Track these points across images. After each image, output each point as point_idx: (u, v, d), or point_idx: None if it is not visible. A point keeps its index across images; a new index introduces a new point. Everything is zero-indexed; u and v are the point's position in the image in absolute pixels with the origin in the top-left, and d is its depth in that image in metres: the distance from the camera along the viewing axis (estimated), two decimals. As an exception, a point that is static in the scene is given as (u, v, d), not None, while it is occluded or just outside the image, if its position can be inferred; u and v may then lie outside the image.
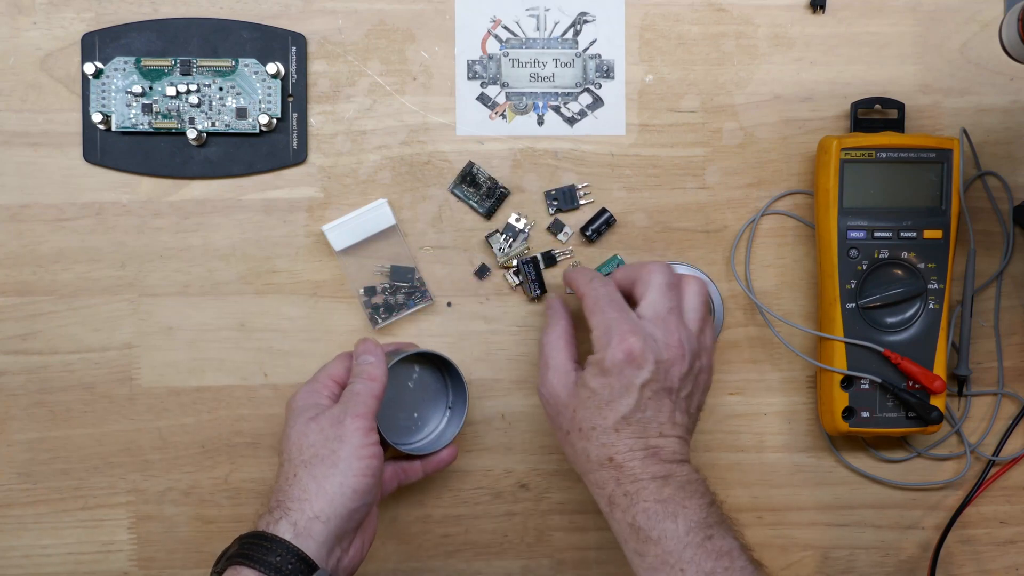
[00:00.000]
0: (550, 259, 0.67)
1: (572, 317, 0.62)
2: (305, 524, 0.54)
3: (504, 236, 0.67)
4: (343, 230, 0.65)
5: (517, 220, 0.67)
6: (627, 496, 0.54)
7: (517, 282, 0.67)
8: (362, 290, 0.66)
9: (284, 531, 0.54)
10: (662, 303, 0.58)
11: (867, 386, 0.64)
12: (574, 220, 0.67)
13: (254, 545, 0.54)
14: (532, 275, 0.66)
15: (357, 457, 0.56)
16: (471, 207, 0.67)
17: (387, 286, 0.66)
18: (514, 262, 0.66)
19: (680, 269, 0.67)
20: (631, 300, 0.59)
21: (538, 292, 0.66)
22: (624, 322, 0.56)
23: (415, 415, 0.66)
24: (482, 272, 0.67)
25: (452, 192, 0.66)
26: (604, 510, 0.56)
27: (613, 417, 0.55)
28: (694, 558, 0.52)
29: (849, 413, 0.65)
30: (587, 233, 0.66)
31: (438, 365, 0.66)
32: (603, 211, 0.66)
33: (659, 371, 0.56)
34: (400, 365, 0.64)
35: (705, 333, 0.59)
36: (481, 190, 0.66)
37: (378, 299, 0.66)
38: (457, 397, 0.65)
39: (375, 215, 0.65)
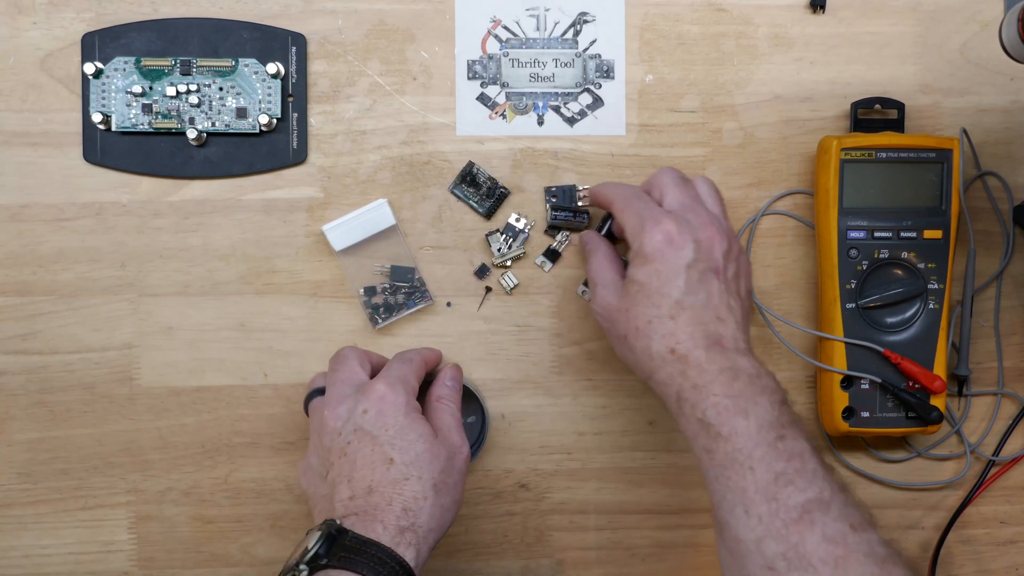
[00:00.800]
0: (553, 253, 0.67)
1: (610, 245, 0.62)
2: (425, 536, 0.54)
3: (504, 236, 0.67)
4: (343, 230, 0.65)
5: (517, 220, 0.67)
6: (696, 389, 0.53)
7: (515, 283, 0.67)
8: (362, 290, 0.66)
9: (406, 549, 0.52)
10: (683, 194, 0.58)
11: (867, 386, 0.64)
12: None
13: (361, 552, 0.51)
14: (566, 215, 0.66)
15: (460, 495, 0.58)
16: (471, 207, 0.67)
17: (387, 286, 0.66)
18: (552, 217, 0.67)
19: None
20: None
21: (584, 219, 0.66)
22: (654, 209, 0.57)
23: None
24: (482, 272, 0.67)
25: (452, 192, 0.66)
26: (672, 409, 0.55)
27: (667, 304, 0.55)
28: (765, 457, 0.51)
29: (849, 413, 0.65)
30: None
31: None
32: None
33: (700, 250, 0.56)
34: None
35: (727, 219, 0.60)
36: (481, 190, 0.66)
37: (378, 299, 0.66)
38: (474, 414, 0.67)
39: (375, 215, 0.65)
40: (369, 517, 0.53)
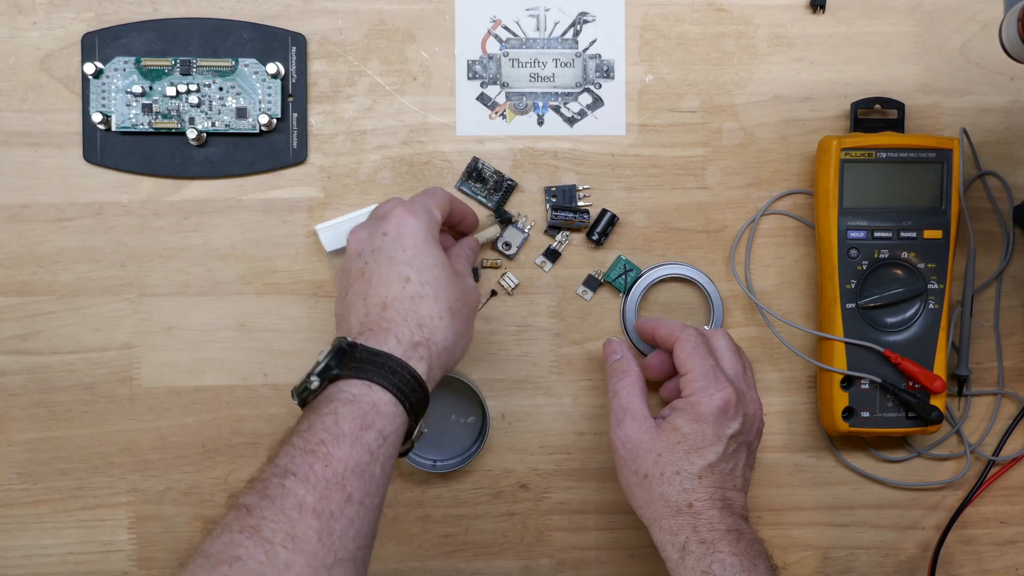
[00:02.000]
0: (553, 253, 0.67)
1: (640, 371, 0.63)
2: (438, 355, 0.54)
3: (503, 239, 0.67)
4: (336, 231, 0.65)
5: (517, 219, 0.67)
6: (703, 544, 0.55)
7: (515, 284, 0.67)
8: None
9: (418, 363, 0.52)
10: (737, 364, 0.61)
11: (867, 386, 0.64)
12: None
13: (377, 363, 0.52)
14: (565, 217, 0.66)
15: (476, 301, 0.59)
16: (479, 202, 0.66)
17: None
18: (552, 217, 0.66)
19: (679, 269, 0.67)
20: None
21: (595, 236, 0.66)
22: (720, 372, 0.59)
23: (441, 434, 0.67)
24: (474, 274, 0.67)
25: (460, 189, 0.66)
26: (672, 557, 0.57)
27: (700, 464, 0.57)
28: None
29: (849, 413, 0.65)
30: (592, 237, 0.66)
31: (452, 383, 0.67)
32: (604, 212, 0.66)
33: (745, 424, 0.59)
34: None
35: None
36: (488, 184, 0.66)
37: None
38: (474, 415, 0.67)
39: None
40: (383, 331, 0.53)
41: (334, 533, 0.46)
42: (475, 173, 0.66)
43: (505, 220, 0.65)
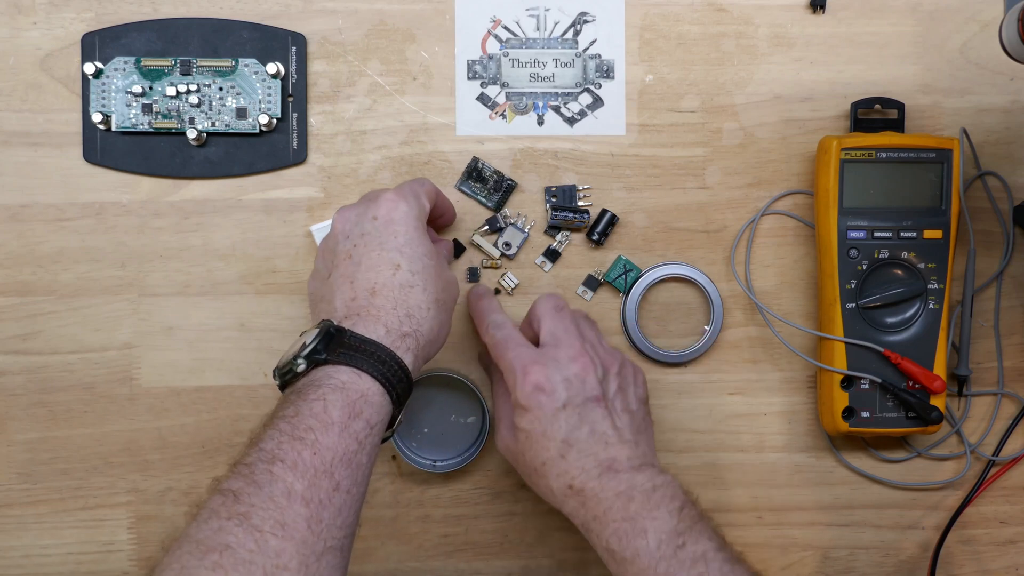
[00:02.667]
0: (553, 253, 0.67)
1: None
2: (424, 346, 0.54)
3: (503, 239, 0.67)
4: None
5: (517, 219, 0.67)
6: (596, 520, 0.54)
7: (515, 284, 0.67)
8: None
9: (405, 353, 0.52)
10: (556, 326, 0.59)
11: (867, 386, 0.64)
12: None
13: (360, 350, 0.51)
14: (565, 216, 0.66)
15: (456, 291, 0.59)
16: (479, 202, 0.66)
17: None
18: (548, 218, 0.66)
19: (679, 269, 0.67)
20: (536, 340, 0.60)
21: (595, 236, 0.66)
22: (524, 356, 0.57)
23: (441, 434, 0.67)
24: (472, 275, 0.67)
25: (459, 189, 0.66)
26: (586, 537, 0.56)
27: (553, 445, 0.55)
28: (668, 571, 0.52)
29: (849, 413, 0.65)
30: (592, 237, 0.66)
31: (452, 383, 0.67)
32: (604, 212, 0.66)
33: (572, 387, 0.56)
34: (428, 386, 0.66)
35: (602, 341, 0.61)
36: (488, 184, 0.66)
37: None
38: (474, 414, 0.67)
39: None
40: (372, 318, 0.52)
41: (323, 521, 0.46)
42: (475, 173, 0.66)
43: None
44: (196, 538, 0.44)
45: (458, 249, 0.66)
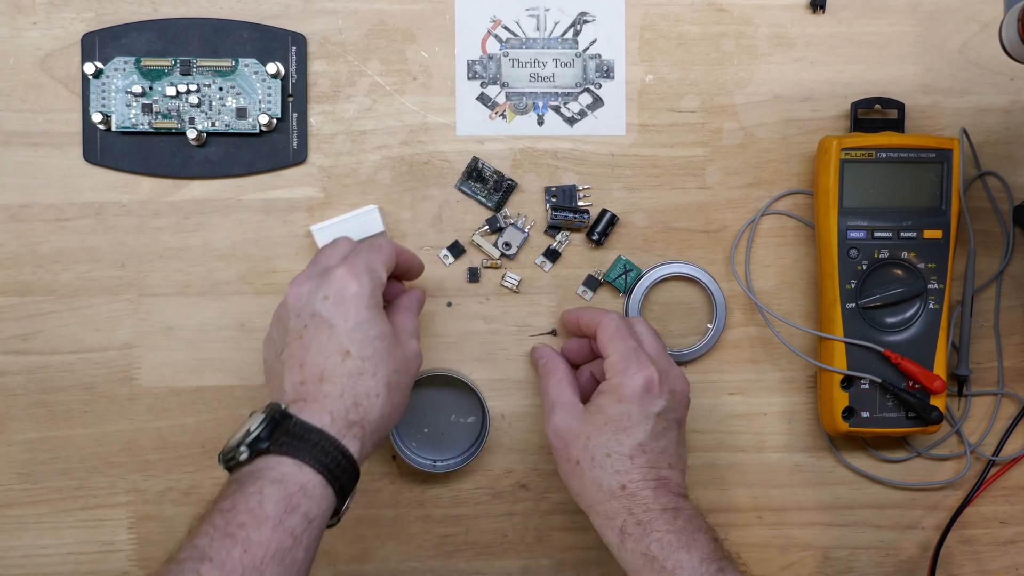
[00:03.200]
0: (553, 254, 0.67)
1: (568, 365, 0.63)
2: (372, 433, 0.53)
3: (503, 239, 0.67)
4: (331, 232, 0.64)
5: (517, 219, 0.67)
6: (640, 525, 0.55)
7: (517, 281, 0.67)
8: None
9: (351, 442, 0.52)
10: (659, 345, 0.61)
11: (867, 386, 0.64)
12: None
13: (302, 439, 0.51)
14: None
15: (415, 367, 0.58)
16: (479, 202, 0.66)
17: None
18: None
19: (682, 268, 0.67)
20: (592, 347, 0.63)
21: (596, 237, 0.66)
22: (641, 352, 0.59)
23: (442, 434, 0.67)
24: (473, 275, 0.67)
25: (459, 189, 0.66)
26: (613, 542, 0.56)
27: (629, 443, 0.56)
28: None
29: (849, 413, 0.65)
30: (592, 237, 0.66)
31: (452, 383, 0.67)
32: (604, 212, 0.66)
33: (673, 402, 0.58)
34: (428, 386, 0.66)
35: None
36: (488, 184, 0.66)
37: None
38: (474, 415, 0.67)
39: (364, 220, 0.65)
40: (318, 405, 0.52)
41: None
42: (475, 173, 0.66)
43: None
44: None
45: (458, 250, 0.66)
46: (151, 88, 0.64)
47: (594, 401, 0.59)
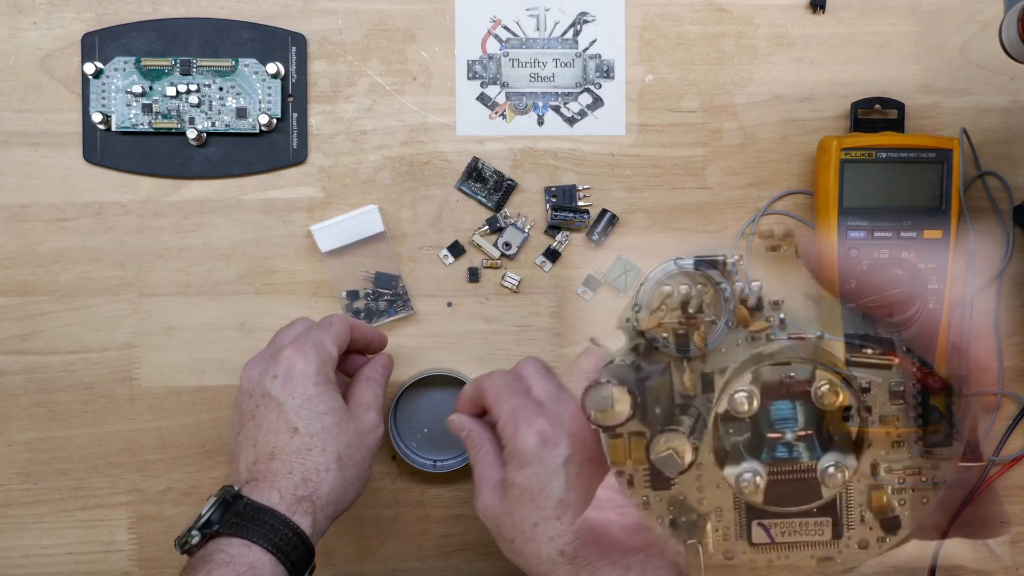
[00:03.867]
0: (553, 254, 0.67)
1: (493, 439, 0.59)
2: (324, 508, 0.53)
3: (503, 239, 0.67)
4: (331, 232, 0.64)
5: (517, 219, 0.67)
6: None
7: (518, 280, 0.67)
8: (344, 293, 0.66)
9: (302, 518, 0.52)
10: (549, 384, 0.57)
11: (866, 386, 0.64)
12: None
13: (254, 519, 0.51)
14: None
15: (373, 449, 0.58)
16: (479, 202, 0.66)
17: (370, 292, 0.66)
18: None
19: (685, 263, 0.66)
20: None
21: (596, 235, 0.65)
22: (528, 404, 0.55)
23: (442, 434, 0.67)
24: (473, 275, 0.67)
25: (459, 189, 0.66)
26: None
27: (550, 505, 0.53)
28: None
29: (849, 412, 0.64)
30: (592, 237, 0.66)
31: (452, 383, 0.67)
32: (604, 212, 0.66)
33: (575, 443, 0.54)
34: (428, 386, 0.66)
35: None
36: (488, 184, 0.66)
37: (359, 303, 0.66)
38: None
39: (365, 220, 0.65)
40: (268, 484, 0.53)
41: None
42: (475, 173, 0.66)
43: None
44: None
45: (458, 250, 0.66)
46: (151, 88, 0.64)
47: (505, 475, 0.55)
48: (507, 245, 0.67)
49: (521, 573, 0.55)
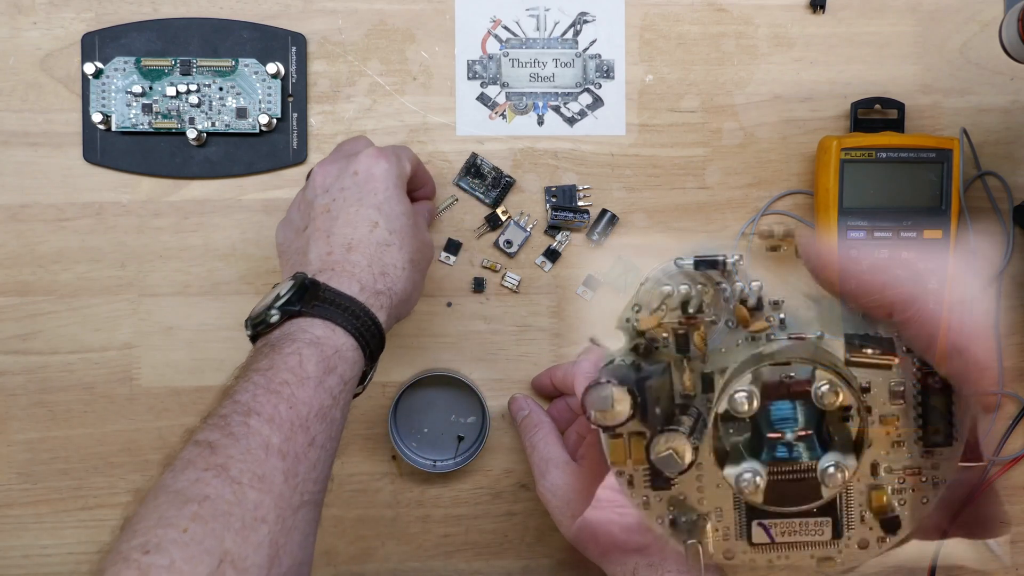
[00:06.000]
0: (553, 253, 0.67)
1: (551, 420, 0.62)
2: (397, 305, 0.54)
3: (503, 237, 0.67)
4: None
5: (518, 219, 0.67)
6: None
7: (518, 280, 0.67)
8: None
9: (379, 311, 0.52)
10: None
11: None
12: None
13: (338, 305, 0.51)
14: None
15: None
16: (477, 198, 0.67)
17: None
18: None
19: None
20: None
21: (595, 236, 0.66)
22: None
23: (442, 434, 0.67)
24: (479, 285, 0.66)
25: (457, 185, 0.66)
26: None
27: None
28: None
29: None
30: (592, 237, 0.66)
31: (452, 383, 0.67)
32: (604, 212, 0.66)
33: None
34: (428, 386, 0.66)
35: None
36: (486, 180, 0.66)
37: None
38: (474, 414, 0.67)
39: None
40: (347, 274, 0.52)
41: (299, 475, 0.46)
42: (473, 169, 0.66)
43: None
44: (174, 488, 0.43)
45: (458, 250, 0.66)
46: (151, 88, 0.64)
47: (587, 455, 0.57)
48: (508, 243, 0.67)
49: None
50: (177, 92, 0.64)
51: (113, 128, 0.65)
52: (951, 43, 0.67)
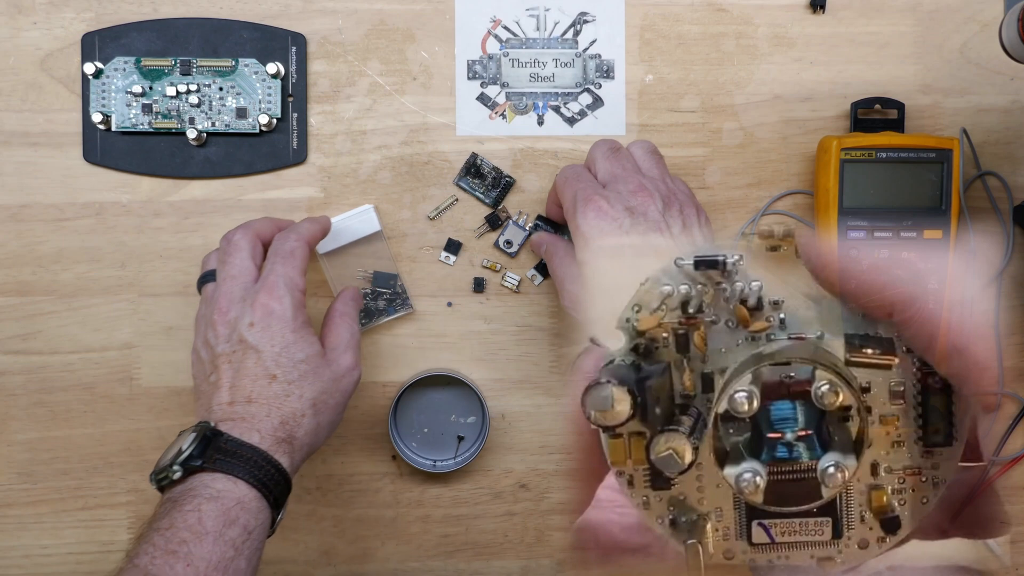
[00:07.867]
0: (545, 267, 0.67)
1: (567, 241, 0.63)
2: (300, 448, 0.55)
3: (503, 237, 0.67)
4: (329, 233, 0.64)
5: (518, 219, 0.67)
6: None
7: (517, 281, 0.67)
8: (343, 293, 0.66)
9: (282, 457, 0.53)
10: (613, 164, 0.59)
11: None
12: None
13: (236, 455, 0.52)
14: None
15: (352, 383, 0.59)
16: (477, 198, 0.67)
17: (368, 291, 0.66)
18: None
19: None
20: None
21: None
22: (586, 187, 0.57)
23: (442, 434, 0.67)
24: (479, 285, 0.67)
25: (457, 184, 0.66)
26: None
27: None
28: None
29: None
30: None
31: (452, 383, 0.67)
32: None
33: (635, 215, 0.56)
34: (428, 386, 0.66)
35: (667, 176, 0.60)
36: (486, 180, 0.66)
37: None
38: (474, 415, 0.67)
39: (361, 220, 0.65)
40: (247, 425, 0.53)
41: None
42: (473, 169, 0.66)
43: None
44: None
45: (455, 246, 0.66)
46: (151, 88, 0.64)
47: (576, 258, 0.58)
48: (508, 243, 0.67)
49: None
50: (177, 92, 0.64)
51: (113, 128, 0.65)
52: (951, 43, 0.68)
